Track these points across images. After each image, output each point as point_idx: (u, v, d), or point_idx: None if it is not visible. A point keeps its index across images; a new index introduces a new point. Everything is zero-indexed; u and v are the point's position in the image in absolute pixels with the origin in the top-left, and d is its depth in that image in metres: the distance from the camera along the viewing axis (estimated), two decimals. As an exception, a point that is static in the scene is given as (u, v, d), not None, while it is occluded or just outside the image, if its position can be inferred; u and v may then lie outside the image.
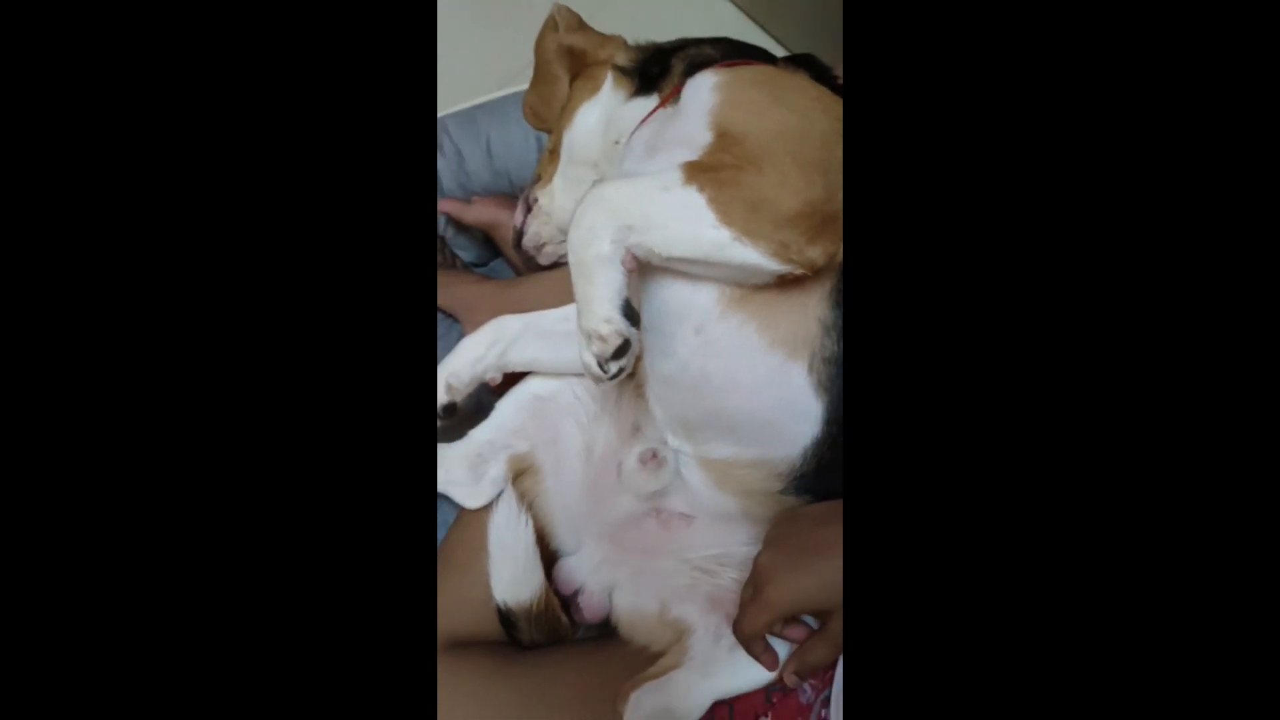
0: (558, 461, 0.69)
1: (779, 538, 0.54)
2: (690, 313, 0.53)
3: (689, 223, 0.49)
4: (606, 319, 0.49)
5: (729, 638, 0.57)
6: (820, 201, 0.49)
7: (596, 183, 0.51)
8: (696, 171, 0.50)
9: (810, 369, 0.53)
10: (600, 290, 0.49)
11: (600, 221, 0.49)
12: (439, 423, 0.69)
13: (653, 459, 0.61)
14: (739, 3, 1.15)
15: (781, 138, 0.50)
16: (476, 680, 0.60)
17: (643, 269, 0.55)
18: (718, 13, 1.16)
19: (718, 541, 0.61)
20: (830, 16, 0.67)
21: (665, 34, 0.71)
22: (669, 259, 0.50)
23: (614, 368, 0.50)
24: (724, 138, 0.51)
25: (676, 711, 0.55)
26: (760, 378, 0.53)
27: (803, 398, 0.53)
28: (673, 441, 0.62)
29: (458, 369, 0.68)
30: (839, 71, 0.61)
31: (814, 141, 0.51)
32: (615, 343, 0.49)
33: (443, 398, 0.68)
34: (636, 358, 0.58)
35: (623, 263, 0.50)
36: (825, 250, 0.50)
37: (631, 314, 0.50)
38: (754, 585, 0.53)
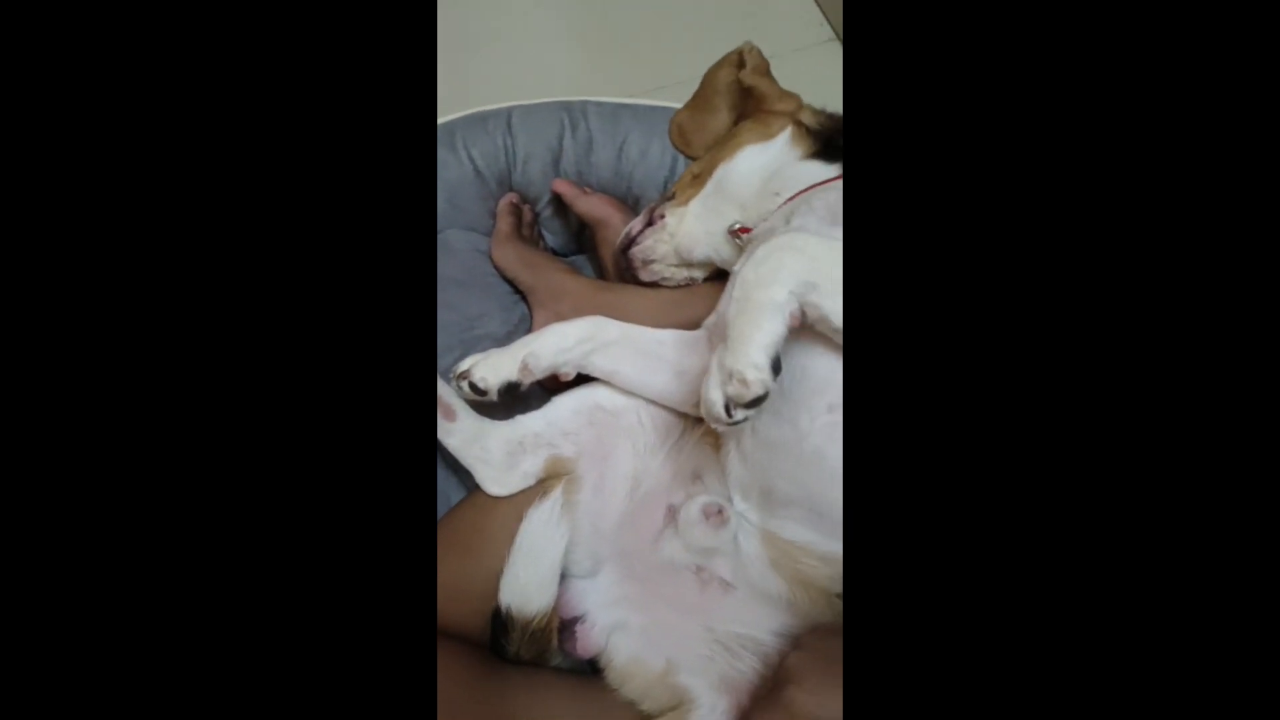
0: (601, 479, 0.66)
1: (818, 644, 0.51)
2: (829, 389, 0.51)
3: None
4: (755, 365, 0.46)
5: (733, 725, 0.54)
6: None
7: (791, 229, 0.50)
8: None
9: None
10: (760, 335, 0.47)
11: (786, 268, 0.47)
12: (497, 400, 0.65)
13: (718, 515, 0.58)
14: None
15: None
16: (452, 686, 0.55)
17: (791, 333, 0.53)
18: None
19: (751, 622, 0.58)
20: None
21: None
22: (837, 330, 0.48)
23: (741, 415, 0.48)
24: None
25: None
26: None
27: None
28: (740, 505, 0.59)
29: (539, 352, 0.65)
30: None
31: None
32: (756, 391, 0.47)
33: (512, 375, 0.65)
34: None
35: (790, 315, 0.48)
36: None
37: (778, 369, 0.48)
38: (777, 684, 0.50)
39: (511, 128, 0.88)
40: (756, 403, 0.47)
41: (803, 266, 0.47)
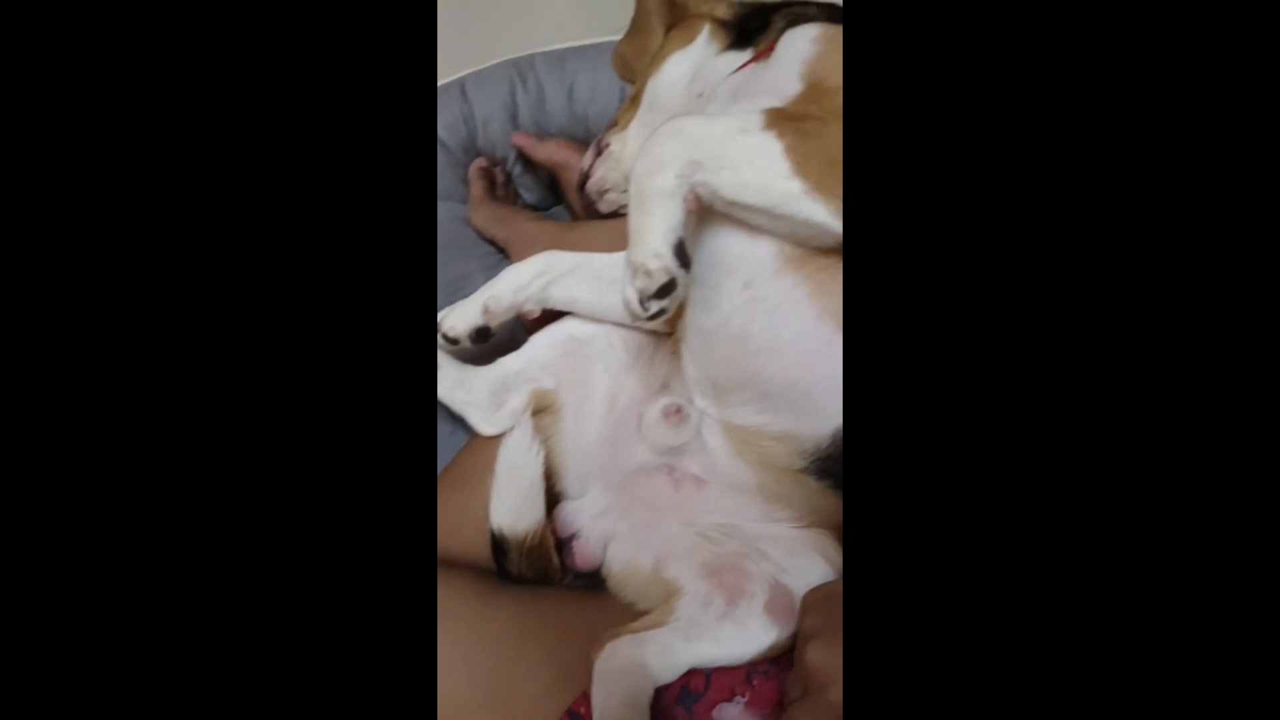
0: (580, 404, 0.68)
1: (825, 628, 0.47)
2: (742, 266, 0.51)
3: (761, 169, 0.47)
4: (656, 254, 0.47)
5: (718, 605, 0.55)
6: None
7: (673, 117, 0.50)
8: (779, 118, 0.48)
9: None
10: (656, 223, 0.48)
11: (670, 153, 0.48)
12: (471, 345, 0.69)
13: (676, 413, 0.59)
14: None
15: None
16: (457, 602, 0.60)
17: (701, 213, 0.53)
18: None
19: (727, 510, 0.59)
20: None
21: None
22: (732, 204, 0.48)
23: (655, 306, 0.49)
24: (815, 89, 0.49)
25: (650, 669, 0.54)
26: (804, 347, 0.51)
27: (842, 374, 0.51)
28: (700, 402, 0.60)
29: (499, 294, 0.67)
30: None
31: None
32: (660, 279, 0.48)
33: (478, 320, 0.68)
34: (679, 308, 0.56)
35: (684, 200, 0.48)
36: None
37: (683, 255, 0.49)
38: (806, 686, 0.46)
39: (466, 95, 0.91)
40: (665, 291, 0.48)
41: (684, 147, 0.48)
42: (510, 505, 0.63)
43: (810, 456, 0.55)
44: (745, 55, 0.63)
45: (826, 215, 0.47)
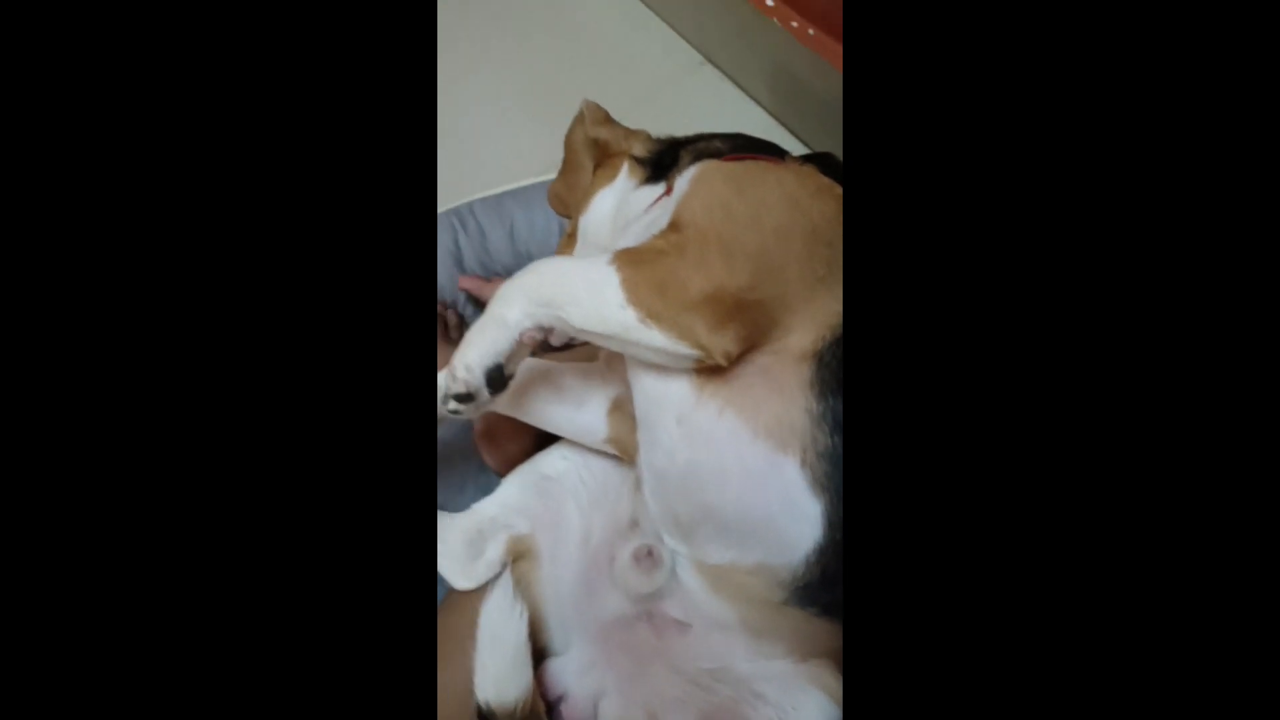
0: (555, 547, 0.66)
1: None
2: (668, 401, 0.52)
3: (599, 300, 0.49)
4: (468, 366, 0.52)
5: (720, 766, 0.51)
6: (737, 288, 0.48)
7: (603, 249, 0.52)
8: (622, 254, 0.51)
9: (803, 463, 0.49)
10: (483, 342, 0.52)
11: (522, 290, 0.52)
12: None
13: (648, 557, 0.57)
14: (769, 108, 1.19)
15: (723, 224, 0.50)
16: None
17: (627, 363, 0.54)
18: (749, 117, 1.21)
19: (714, 653, 0.56)
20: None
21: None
22: (584, 332, 0.51)
23: (453, 405, 0.53)
24: (672, 226, 0.51)
25: None
26: (750, 470, 0.50)
27: (799, 495, 0.49)
28: (669, 540, 0.58)
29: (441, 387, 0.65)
30: None
31: (762, 232, 0.49)
32: (460, 388, 0.52)
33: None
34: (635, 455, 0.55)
35: (522, 334, 0.52)
36: (736, 336, 0.48)
37: (496, 379, 0.53)
38: None
39: (411, 246, 0.93)
40: (463, 399, 0.52)
41: (534, 284, 0.51)
42: (496, 675, 0.59)
43: (789, 586, 0.52)
44: (659, 189, 0.65)
45: (662, 339, 0.48)
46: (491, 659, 0.60)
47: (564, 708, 0.60)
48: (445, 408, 0.53)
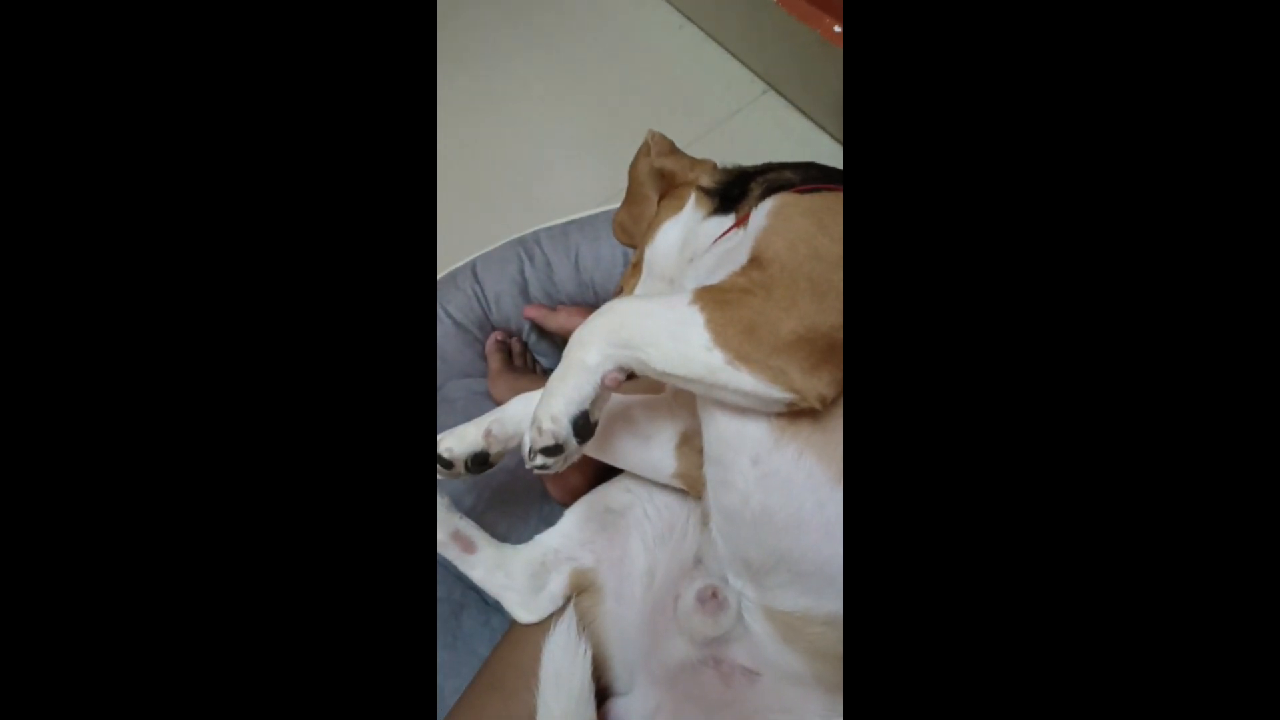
0: (620, 582, 0.64)
1: None
2: (743, 443, 0.50)
3: (682, 342, 0.47)
4: (553, 417, 0.49)
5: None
6: (829, 328, 0.46)
7: (669, 280, 0.51)
8: (705, 293, 0.49)
9: None
10: (566, 391, 0.50)
11: (601, 332, 0.50)
12: (466, 473, 0.63)
13: (712, 599, 0.55)
14: (835, 135, 1.17)
15: (810, 262, 0.48)
16: None
17: (699, 400, 0.53)
18: (816, 145, 1.19)
19: (787, 707, 0.53)
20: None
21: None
22: (666, 375, 0.49)
23: (540, 460, 0.50)
24: (754, 262, 0.50)
25: None
26: (828, 517, 0.48)
27: None
28: (734, 582, 0.56)
29: (504, 418, 0.63)
30: None
31: None
32: (548, 441, 0.49)
33: (478, 444, 0.63)
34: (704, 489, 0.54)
35: (604, 377, 0.50)
36: (831, 379, 0.46)
37: (583, 427, 0.50)
38: None
39: (478, 275, 0.95)
40: (551, 452, 0.50)
41: (613, 326, 0.49)
42: (561, 715, 0.57)
43: (866, 637, 0.49)
44: (728, 220, 0.64)
45: (753, 382, 0.46)
46: (555, 698, 0.59)
47: (627, 751, 0.59)
48: (533, 463, 0.50)
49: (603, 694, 0.62)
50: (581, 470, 0.78)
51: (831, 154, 1.17)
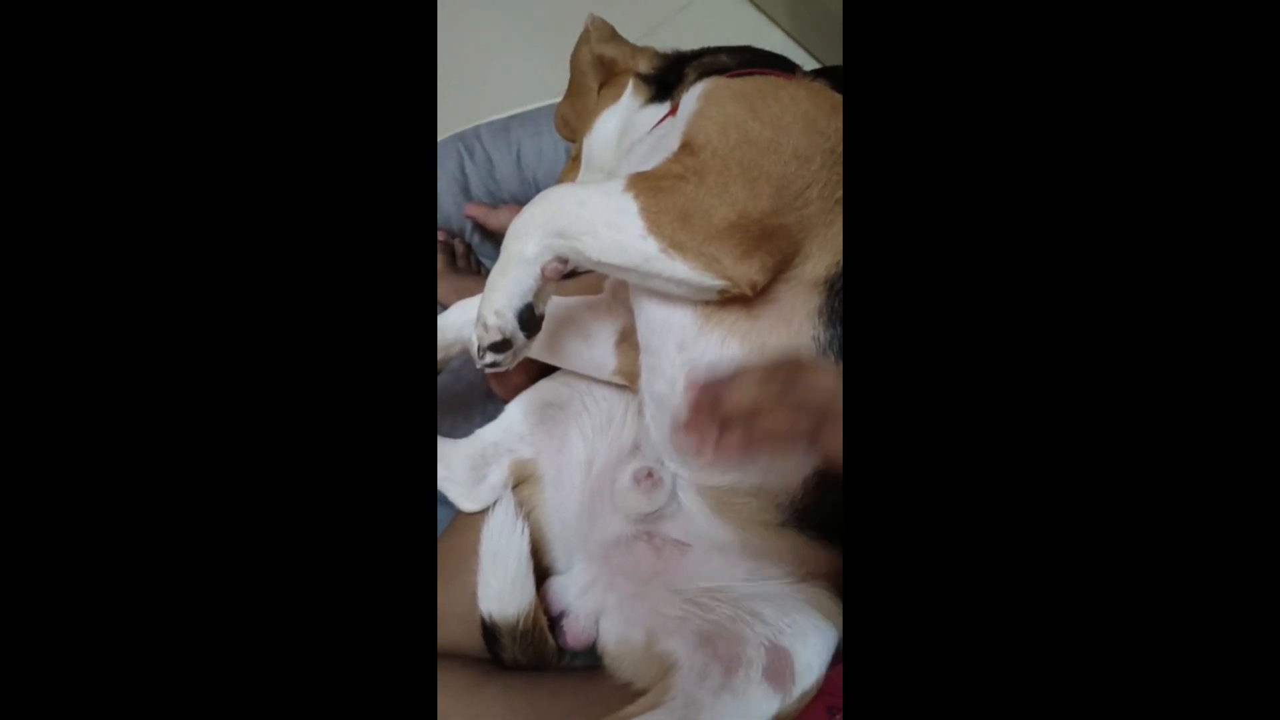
0: (559, 471, 0.66)
1: None
2: (671, 330, 0.51)
3: (618, 230, 0.47)
4: (498, 312, 0.49)
5: (715, 677, 0.52)
6: (761, 214, 0.46)
7: (608, 172, 0.50)
8: (639, 180, 0.48)
9: None
10: (507, 285, 0.49)
11: (537, 222, 0.49)
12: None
13: (647, 478, 0.57)
14: (789, 30, 1.13)
15: (741, 148, 0.47)
16: (447, 697, 0.57)
17: (631, 289, 0.53)
18: (769, 39, 1.15)
19: (713, 574, 0.57)
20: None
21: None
22: (600, 264, 0.49)
23: (489, 358, 0.50)
24: (685, 148, 0.49)
25: (650, 756, 0.51)
26: None
27: None
28: (669, 464, 0.58)
29: (445, 325, 0.64)
30: None
31: (782, 155, 0.47)
32: (494, 336, 0.49)
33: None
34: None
35: (543, 268, 0.49)
36: (763, 266, 0.46)
37: (528, 320, 0.50)
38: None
39: (416, 173, 0.91)
40: (499, 348, 0.49)
41: (549, 216, 0.48)
42: (499, 589, 0.61)
43: (787, 510, 0.53)
44: (664, 108, 0.62)
45: (686, 270, 0.46)
46: (493, 574, 0.61)
47: (565, 623, 0.62)
48: (483, 362, 0.50)
49: (543, 575, 0.65)
50: (524, 369, 0.78)
51: (783, 46, 1.13)
